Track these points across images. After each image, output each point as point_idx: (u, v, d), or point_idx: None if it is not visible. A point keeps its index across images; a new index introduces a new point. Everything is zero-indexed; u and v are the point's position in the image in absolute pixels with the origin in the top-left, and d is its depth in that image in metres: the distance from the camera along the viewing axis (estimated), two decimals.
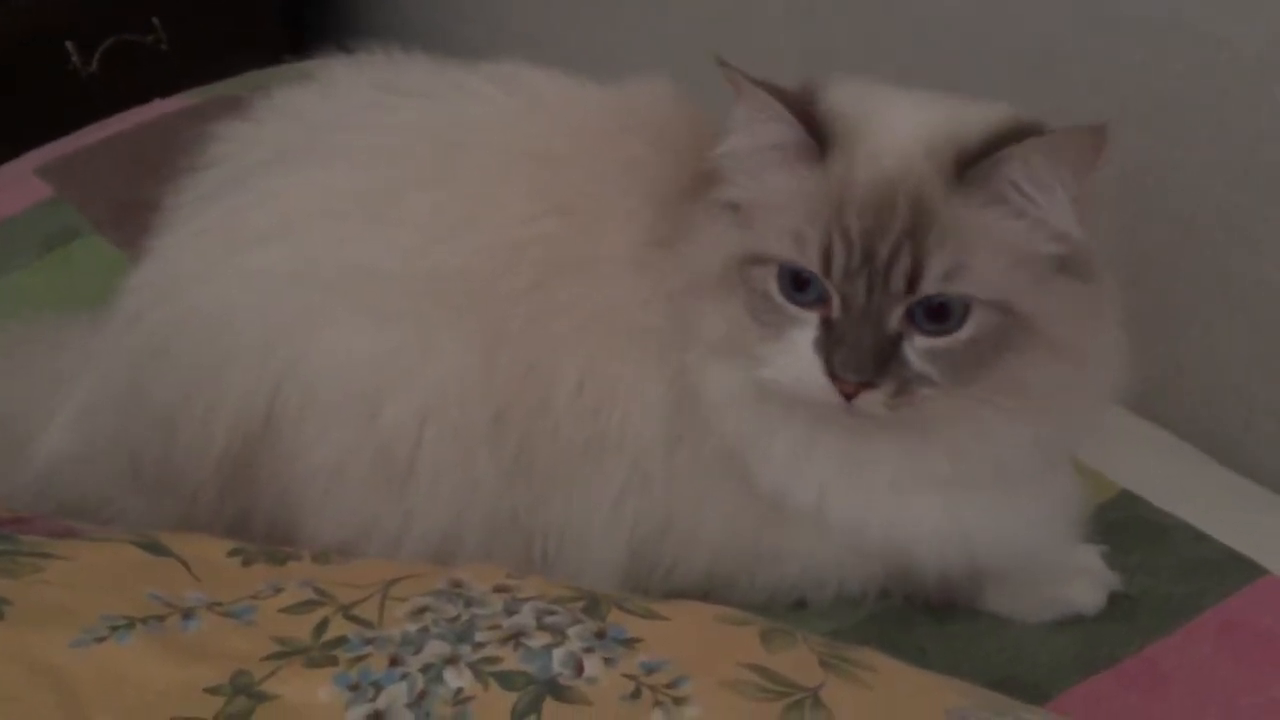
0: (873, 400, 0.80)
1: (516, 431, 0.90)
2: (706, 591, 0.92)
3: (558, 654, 0.70)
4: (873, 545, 0.90)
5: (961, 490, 0.89)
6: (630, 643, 0.72)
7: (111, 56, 1.94)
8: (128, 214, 1.24)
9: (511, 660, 0.70)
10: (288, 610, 0.75)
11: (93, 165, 1.42)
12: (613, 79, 0.99)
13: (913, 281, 0.79)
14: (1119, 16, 1.20)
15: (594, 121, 0.95)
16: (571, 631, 0.72)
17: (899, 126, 0.83)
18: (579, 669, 0.70)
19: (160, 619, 0.73)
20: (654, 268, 0.90)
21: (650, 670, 0.70)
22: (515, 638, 0.71)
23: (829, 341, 0.80)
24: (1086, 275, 0.83)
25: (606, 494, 0.91)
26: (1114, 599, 0.98)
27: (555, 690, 0.68)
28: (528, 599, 0.76)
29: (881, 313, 0.79)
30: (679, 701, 0.68)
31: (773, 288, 0.83)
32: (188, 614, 0.74)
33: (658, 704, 0.68)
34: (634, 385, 0.90)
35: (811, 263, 0.80)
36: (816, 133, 0.81)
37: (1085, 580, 0.98)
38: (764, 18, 1.55)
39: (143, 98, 1.67)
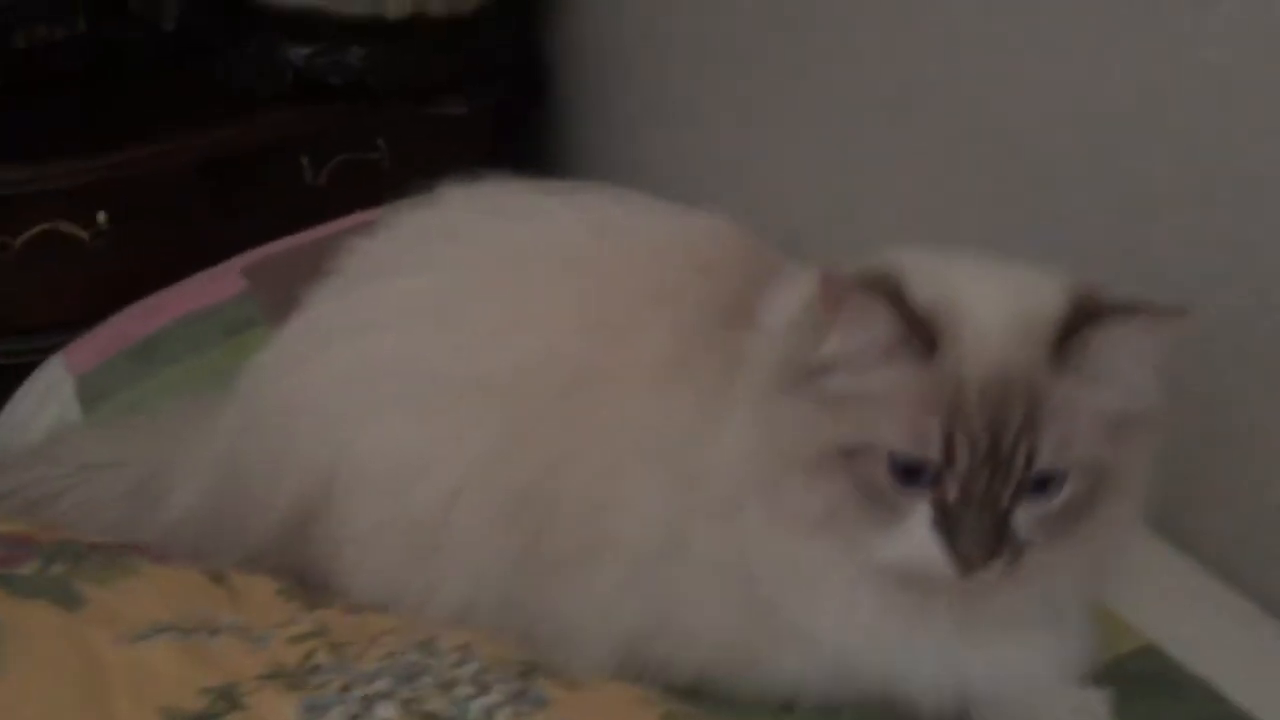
0: (991, 572, 0.86)
1: (529, 524, 1.02)
2: (696, 690, 0.99)
3: (476, 704, 0.85)
4: (870, 680, 0.94)
5: (983, 633, 0.93)
6: (542, 703, 0.86)
7: (340, 171, 2.23)
8: (289, 310, 1.49)
9: (438, 703, 0.85)
10: (291, 640, 0.93)
11: (281, 266, 1.67)
12: None
13: (1028, 463, 0.85)
14: None
15: (647, 245, 1.06)
16: (497, 688, 0.87)
17: (989, 310, 0.88)
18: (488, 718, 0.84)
19: (191, 631, 0.92)
20: (665, 389, 0.99)
21: None
22: (449, 686, 0.87)
23: (948, 522, 0.86)
24: (1152, 425, 0.90)
25: (600, 591, 1.00)
26: None
27: None
28: (475, 659, 0.90)
29: (999, 494, 0.86)
30: None
31: (883, 477, 0.87)
32: (215, 631, 0.93)
33: None
34: (634, 496, 0.99)
35: (933, 456, 0.86)
36: (922, 332, 0.87)
37: None
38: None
39: (362, 208, 1.91)
